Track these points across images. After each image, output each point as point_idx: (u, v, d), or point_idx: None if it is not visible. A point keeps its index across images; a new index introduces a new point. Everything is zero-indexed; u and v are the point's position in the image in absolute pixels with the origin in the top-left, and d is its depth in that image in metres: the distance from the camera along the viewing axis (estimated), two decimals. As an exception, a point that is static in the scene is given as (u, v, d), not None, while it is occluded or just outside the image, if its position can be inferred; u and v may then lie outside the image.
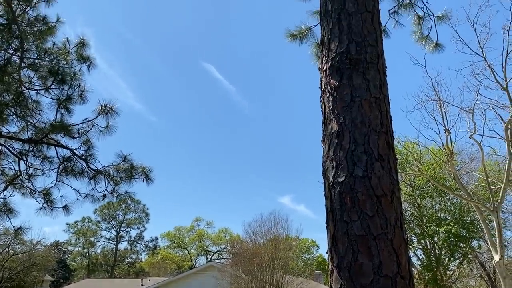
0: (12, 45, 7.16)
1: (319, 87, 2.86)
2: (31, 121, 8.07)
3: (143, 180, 7.97)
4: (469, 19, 14.57)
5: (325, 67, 2.80)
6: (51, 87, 7.22)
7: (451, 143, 14.53)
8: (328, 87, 2.70)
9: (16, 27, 6.85)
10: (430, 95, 15.39)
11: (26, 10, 8.22)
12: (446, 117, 14.48)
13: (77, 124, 7.58)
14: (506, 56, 13.12)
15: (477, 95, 13.80)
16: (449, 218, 20.40)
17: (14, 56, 7.32)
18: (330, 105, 2.65)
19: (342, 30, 2.75)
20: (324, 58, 2.84)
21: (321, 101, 2.80)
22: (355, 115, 2.50)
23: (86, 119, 7.59)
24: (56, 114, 7.50)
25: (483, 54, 13.88)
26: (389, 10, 7.06)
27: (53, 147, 7.90)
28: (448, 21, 7.23)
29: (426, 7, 6.87)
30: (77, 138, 7.74)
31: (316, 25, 7.21)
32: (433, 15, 6.92)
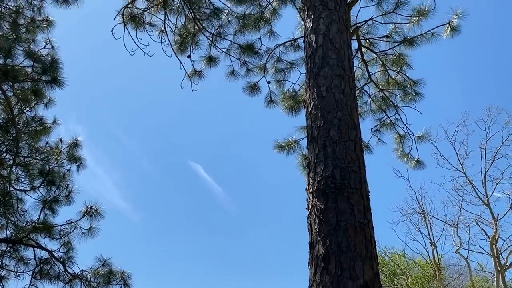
0: (7, 146, 7.31)
1: (306, 208, 2.97)
2: (12, 219, 7.92)
3: (121, 286, 7.64)
4: (448, 137, 15.40)
5: (311, 189, 2.93)
6: (39, 188, 7.22)
7: (437, 257, 14.39)
8: (315, 209, 2.80)
9: (13, 129, 7.06)
10: (414, 207, 15.61)
11: (25, 111, 8.55)
12: (431, 230, 14.54)
13: (60, 225, 7.46)
14: (485, 173, 13.63)
15: (460, 210, 14.03)
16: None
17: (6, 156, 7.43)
18: (316, 227, 2.72)
19: (327, 156, 2.94)
20: (310, 180, 2.99)
21: (308, 222, 2.88)
22: (340, 240, 2.56)
23: (69, 220, 7.49)
24: (40, 214, 7.42)
25: (463, 170, 14.43)
26: (371, 128, 7.53)
27: (31, 248, 7.65)
28: (429, 139, 7.66)
29: (406, 127, 7.35)
30: (58, 240, 7.55)
31: (303, 138, 7.60)
32: (413, 135, 7.36)
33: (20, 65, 7.63)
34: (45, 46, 8.06)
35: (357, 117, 3.38)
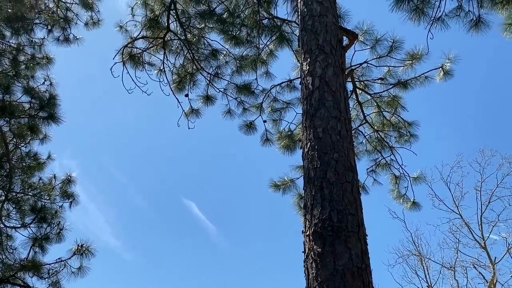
0: (0, 181, 7.24)
1: (303, 251, 2.91)
2: (0, 257, 7.72)
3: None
4: (443, 178, 15.44)
5: (308, 232, 2.89)
6: (30, 225, 7.09)
7: (435, 301, 14.07)
8: (312, 253, 2.75)
9: (7, 164, 7.01)
10: (410, 249, 15.42)
11: (20, 146, 8.52)
12: (428, 273, 14.29)
13: (49, 264, 7.27)
14: (481, 215, 13.58)
15: (457, 253, 13.87)
16: None
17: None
18: (313, 271, 2.66)
19: (324, 198, 2.92)
20: (307, 222, 2.95)
21: (304, 266, 2.82)
22: (338, 285, 2.50)
23: (59, 258, 7.31)
24: (29, 252, 7.24)
25: (459, 211, 14.38)
26: (367, 169, 7.55)
27: (18, 287, 7.42)
28: (424, 180, 7.66)
29: (402, 168, 7.37)
30: (46, 279, 7.34)
31: (298, 178, 7.59)
32: (409, 176, 7.37)
33: (18, 100, 7.69)
34: (43, 83, 8.16)
35: (354, 159, 3.39)
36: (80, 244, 7.34)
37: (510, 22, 5.67)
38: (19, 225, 7.42)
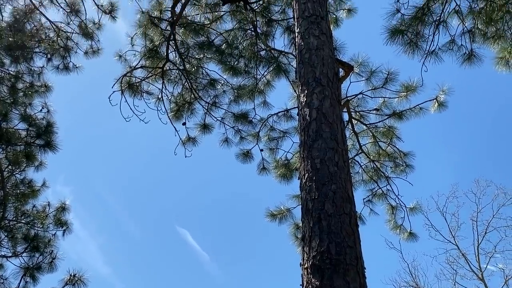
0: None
1: (300, 285, 2.88)
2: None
3: None
4: (439, 208, 15.42)
5: (306, 265, 2.87)
6: (22, 254, 6.98)
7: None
8: (310, 286, 2.72)
9: (1, 192, 6.95)
10: (407, 280, 15.22)
11: (15, 173, 8.46)
12: (426, 305, 14.07)
13: (40, 295, 7.12)
14: (478, 246, 13.51)
15: (454, 284, 13.71)
16: None
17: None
18: (311, 305, 2.63)
19: (323, 230, 2.91)
20: (305, 255, 2.93)
21: (302, 300, 2.79)
22: (336, 320, 2.46)
23: (50, 289, 7.17)
24: (20, 282, 7.10)
25: (456, 242, 14.30)
26: (363, 199, 7.54)
27: (7, 318, 7.23)
28: (420, 211, 7.66)
29: (398, 198, 7.37)
30: (37, 310, 7.17)
31: (295, 207, 7.56)
32: (405, 206, 7.36)
33: (15, 127, 7.69)
34: (41, 110, 8.19)
35: (351, 190, 3.39)
36: (72, 274, 7.21)
37: (502, 56, 5.82)
38: (10, 254, 7.29)
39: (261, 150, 7.58)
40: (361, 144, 7.20)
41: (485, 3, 5.50)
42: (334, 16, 7.53)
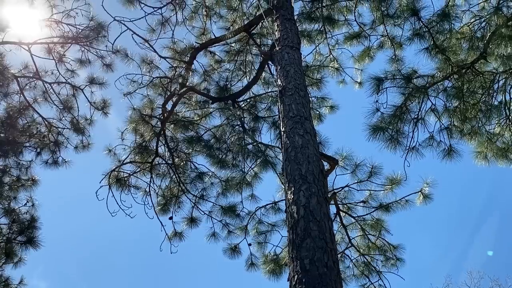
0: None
1: None
2: None
3: None
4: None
5: None
6: None
7: None
8: None
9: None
10: None
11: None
12: None
13: None
14: None
15: None
16: None
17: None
18: None
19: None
20: None
21: None
22: None
23: None
24: None
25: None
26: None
27: None
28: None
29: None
30: None
31: None
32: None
33: (-3, 223, 7.51)
34: (25, 204, 8.07)
35: (342, 292, 3.31)
36: None
37: (479, 150, 6.07)
38: None
39: (249, 245, 7.43)
40: (351, 237, 7.13)
41: (459, 102, 5.86)
42: (318, 112, 7.90)
